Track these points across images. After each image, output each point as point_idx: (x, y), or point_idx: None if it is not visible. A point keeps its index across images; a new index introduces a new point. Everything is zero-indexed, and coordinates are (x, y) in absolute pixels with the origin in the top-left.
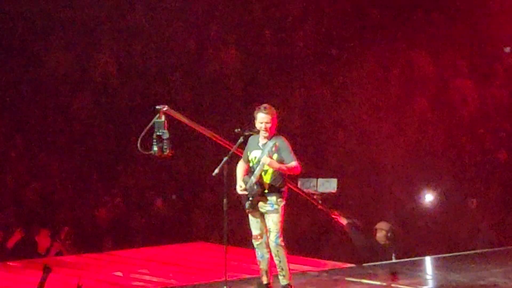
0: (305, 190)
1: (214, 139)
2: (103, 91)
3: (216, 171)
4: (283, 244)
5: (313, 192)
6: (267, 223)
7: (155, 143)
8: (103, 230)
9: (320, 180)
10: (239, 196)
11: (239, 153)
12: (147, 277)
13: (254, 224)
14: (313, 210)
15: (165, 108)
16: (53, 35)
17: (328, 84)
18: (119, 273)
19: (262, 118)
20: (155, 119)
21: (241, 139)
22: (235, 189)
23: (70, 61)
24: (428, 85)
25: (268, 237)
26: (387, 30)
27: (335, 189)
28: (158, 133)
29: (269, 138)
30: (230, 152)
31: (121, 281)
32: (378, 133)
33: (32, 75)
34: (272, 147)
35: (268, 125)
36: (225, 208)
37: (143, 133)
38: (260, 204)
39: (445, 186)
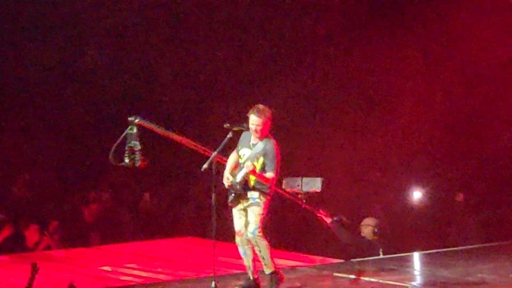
0: (289, 190)
1: (192, 146)
2: (92, 85)
3: (205, 166)
4: (260, 234)
5: (297, 192)
6: (248, 215)
7: (127, 155)
8: (91, 224)
9: (304, 179)
10: (227, 190)
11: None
12: (135, 272)
13: (236, 220)
14: (301, 206)
15: (137, 119)
16: (39, 27)
17: (316, 79)
18: (107, 268)
19: (253, 121)
20: (127, 131)
21: (230, 134)
22: (223, 183)
23: (59, 53)
24: (416, 81)
25: (247, 229)
26: (375, 26)
27: (320, 188)
28: (130, 145)
29: (261, 139)
30: (219, 148)
31: (109, 276)
32: (366, 129)
33: (19, 69)
34: (260, 151)
35: (259, 128)
36: (213, 203)
37: (115, 145)
38: (244, 199)
39: (433, 182)
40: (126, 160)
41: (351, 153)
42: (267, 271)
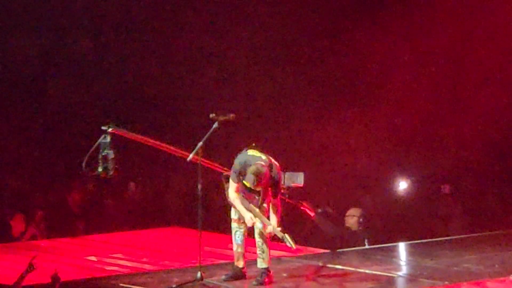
0: None
1: (170, 151)
2: (77, 75)
3: (191, 156)
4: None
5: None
6: None
7: (100, 164)
8: (76, 214)
9: (287, 174)
10: (218, 187)
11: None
12: (121, 262)
13: (235, 209)
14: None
15: (110, 128)
16: (26, 16)
17: (302, 70)
18: (93, 258)
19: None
20: (100, 140)
21: (215, 125)
22: (209, 175)
23: (45, 45)
24: (403, 71)
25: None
26: (358, 18)
27: (302, 183)
28: (103, 154)
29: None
30: (205, 138)
31: (94, 266)
32: (352, 119)
33: (5, 59)
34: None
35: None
36: (199, 193)
37: (88, 154)
38: None
39: (419, 173)
40: (100, 169)
41: (337, 143)
42: (263, 265)
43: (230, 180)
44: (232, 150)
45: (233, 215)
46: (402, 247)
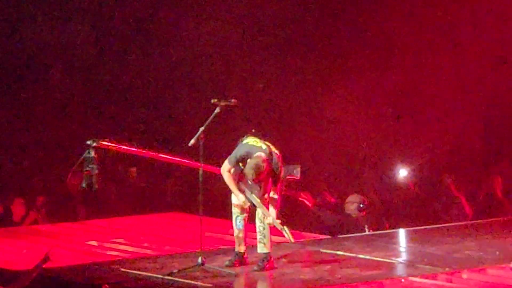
0: None
1: (158, 158)
2: (79, 61)
3: (192, 141)
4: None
5: None
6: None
7: (84, 179)
8: (78, 199)
9: (284, 167)
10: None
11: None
12: (122, 247)
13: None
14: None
15: (94, 143)
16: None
17: (302, 54)
18: (94, 243)
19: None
20: (84, 155)
21: (217, 110)
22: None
23: (47, 31)
24: (403, 59)
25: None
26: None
27: (299, 175)
28: (87, 169)
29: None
30: (207, 123)
31: (96, 250)
32: (353, 104)
33: (7, 45)
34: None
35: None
36: (200, 179)
37: (72, 169)
38: None
39: (420, 160)
40: (83, 185)
41: (338, 129)
42: (264, 250)
43: (226, 161)
44: (232, 136)
45: (234, 200)
46: (402, 233)
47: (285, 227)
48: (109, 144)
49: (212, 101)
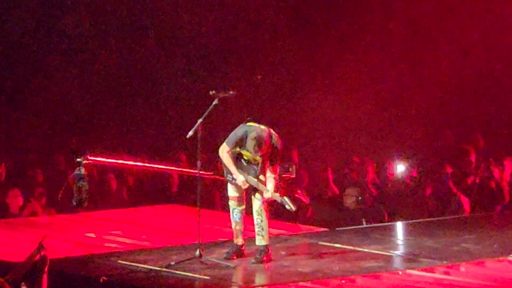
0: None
1: (152, 168)
2: (79, 51)
3: (190, 133)
4: (266, 203)
5: None
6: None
7: (75, 196)
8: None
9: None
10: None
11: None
12: (120, 239)
13: (233, 187)
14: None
15: (85, 160)
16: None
17: (308, 40)
18: (92, 234)
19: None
20: (76, 171)
21: (215, 101)
22: (208, 151)
23: (44, 20)
24: (406, 50)
25: (253, 196)
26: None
27: (294, 173)
28: (78, 185)
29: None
30: (204, 114)
31: (94, 242)
32: (353, 98)
33: (3, 34)
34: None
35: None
36: (198, 170)
37: (64, 186)
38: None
39: (419, 153)
40: (74, 203)
41: (337, 121)
42: (262, 242)
43: (224, 142)
44: (230, 127)
45: (230, 193)
46: (400, 226)
47: (285, 197)
48: (98, 159)
49: (210, 92)
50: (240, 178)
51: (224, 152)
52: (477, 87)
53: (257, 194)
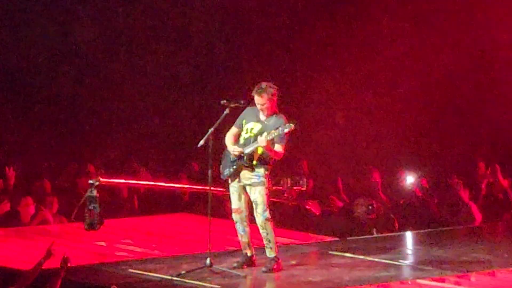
0: (274, 188)
1: (163, 187)
2: (87, 63)
3: (201, 142)
4: (269, 216)
5: (283, 190)
6: (253, 196)
7: (87, 218)
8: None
9: (290, 178)
10: (224, 164)
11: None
12: (131, 247)
13: (234, 196)
14: (288, 204)
15: (97, 183)
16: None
17: (312, 56)
18: (103, 243)
19: (257, 100)
20: (88, 193)
21: (226, 111)
22: (219, 160)
23: (54, 33)
24: (412, 61)
25: (255, 210)
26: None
27: (305, 186)
28: (89, 208)
29: (270, 115)
30: (216, 124)
31: (104, 251)
32: (361, 110)
33: (15, 46)
34: (274, 126)
35: (264, 106)
36: (209, 180)
37: (76, 208)
38: (245, 175)
39: (429, 163)
40: (86, 227)
41: (347, 132)
42: (271, 254)
43: (233, 126)
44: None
45: (232, 204)
46: (410, 236)
47: (278, 129)
48: (110, 180)
49: (222, 102)
50: (231, 148)
51: (228, 136)
52: (488, 94)
53: (258, 209)
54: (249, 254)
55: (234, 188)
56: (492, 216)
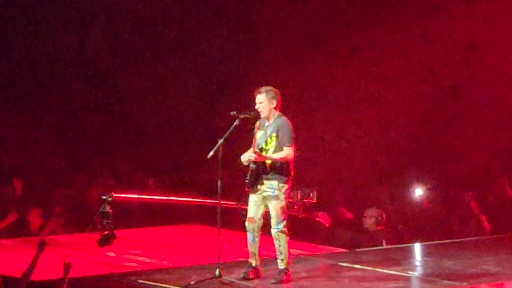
0: None
1: (174, 201)
2: (98, 71)
3: (211, 153)
4: (285, 229)
5: (293, 202)
6: (270, 208)
7: (100, 237)
8: (96, 210)
9: (300, 190)
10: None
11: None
12: (140, 258)
13: (251, 205)
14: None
15: (110, 198)
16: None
17: (319, 65)
18: (112, 254)
19: (256, 99)
20: (101, 209)
21: (236, 122)
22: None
23: (66, 42)
24: (412, 68)
25: (270, 221)
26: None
27: (315, 198)
28: (103, 223)
29: (268, 118)
30: (225, 135)
31: (113, 261)
32: (369, 119)
33: (28, 56)
34: (273, 130)
35: (261, 105)
36: (219, 191)
37: (91, 223)
38: (262, 187)
39: (438, 175)
40: (100, 244)
41: (357, 142)
42: (281, 266)
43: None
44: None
45: (248, 213)
46: (420, 248)
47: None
48: (123, 195)
49: (231, 113)
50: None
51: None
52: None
53: (272, 221)
54: (253, 264)
55: (252, 197)
56: (501, 228)
